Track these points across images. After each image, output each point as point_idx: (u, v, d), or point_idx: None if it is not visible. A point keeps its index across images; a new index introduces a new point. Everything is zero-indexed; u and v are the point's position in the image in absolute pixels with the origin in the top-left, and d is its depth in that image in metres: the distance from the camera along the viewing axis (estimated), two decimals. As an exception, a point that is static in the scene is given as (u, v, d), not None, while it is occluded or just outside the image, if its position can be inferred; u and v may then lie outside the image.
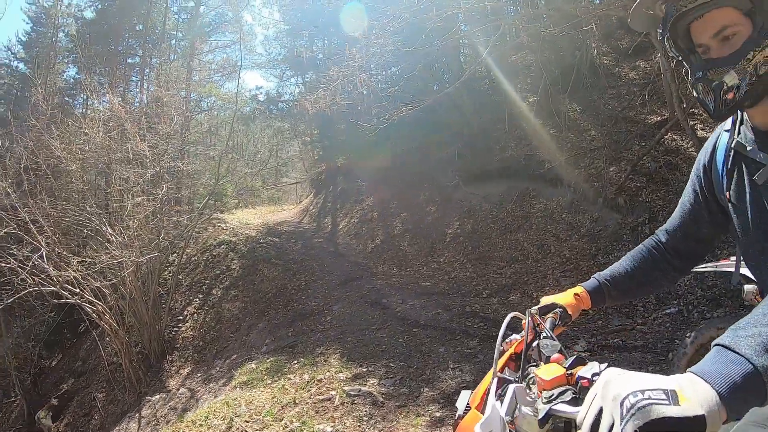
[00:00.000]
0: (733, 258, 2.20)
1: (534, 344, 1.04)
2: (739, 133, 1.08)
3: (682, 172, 6.24)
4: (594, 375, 0.79)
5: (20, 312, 12.28)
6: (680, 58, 1.03)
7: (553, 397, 0.82)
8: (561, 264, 6.69)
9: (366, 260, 9.32)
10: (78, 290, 8.12)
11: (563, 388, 0.82)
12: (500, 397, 0.92)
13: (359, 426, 3.96)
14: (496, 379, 0.98)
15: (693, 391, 0.57)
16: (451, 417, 3.89)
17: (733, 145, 1.07)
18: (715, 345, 0.65)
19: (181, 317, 9.14)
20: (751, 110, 0.99)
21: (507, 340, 1.15)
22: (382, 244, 9.79)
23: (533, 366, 0.97)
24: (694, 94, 1.01)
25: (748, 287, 2.28)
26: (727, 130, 1.12)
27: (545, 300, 1.31)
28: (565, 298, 1.31)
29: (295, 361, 5.81)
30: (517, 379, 0.95)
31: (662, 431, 0.55)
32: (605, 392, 0.62)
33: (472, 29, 8.34)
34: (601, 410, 0.62)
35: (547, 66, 8.94)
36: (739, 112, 1.05)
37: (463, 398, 1.08)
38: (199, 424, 4.79)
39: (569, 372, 0.85)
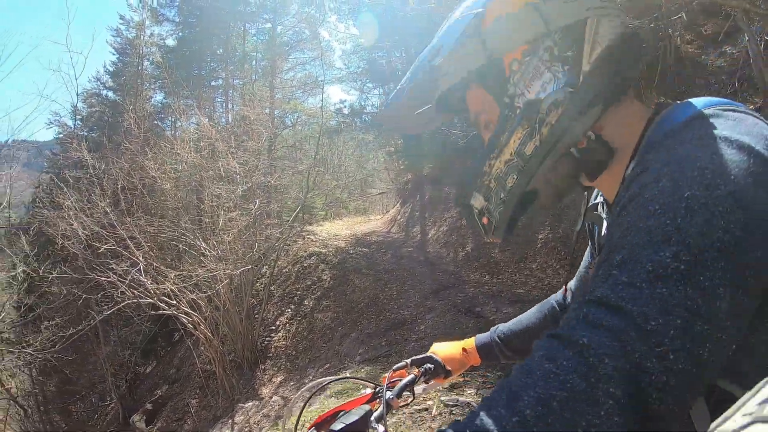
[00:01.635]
0: None
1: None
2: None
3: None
4: None
5: (117, 322, 13.13)
6: None
7: None
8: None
9: (457, 268, 9.19)
10: (174, 302, 8.51)
11: None
12: None
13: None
14: None
15: None
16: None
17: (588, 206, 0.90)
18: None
19: (273, 327, 9.41)
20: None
21: (359, 394, 1.11)
22: (472, 251, 9.59)
23: None
24: None
25: None
26: None
27: (433, 348, 1.21)
28: (450, 350, 1.19)
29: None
30: None
31: None
32: None
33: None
34: None
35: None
36: None
37: None
38: (294, 433, 4.86)
39: None
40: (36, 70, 17.54)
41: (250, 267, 8.61)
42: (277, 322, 9.48)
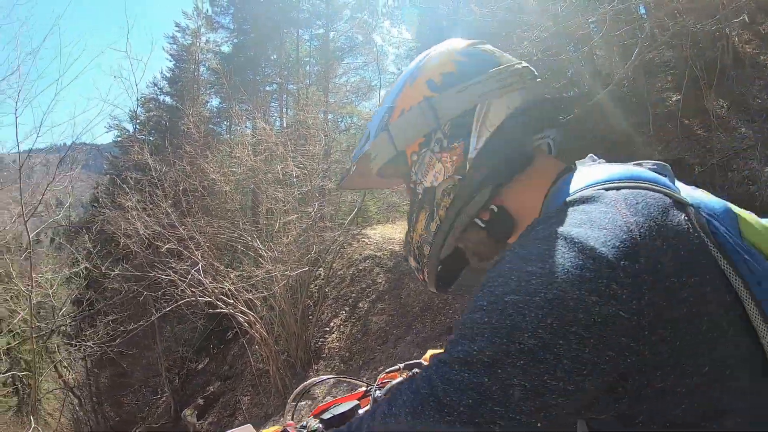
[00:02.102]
0: None
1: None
2: None
3: None
4: None
5: (172, 319, 13.59)
6: None
7: None
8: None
9: (512, 274, 9.08)
10: (232, 301, 8.75)
11: None
12: None
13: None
14: None
15: None
16: None
17: None
18: None
19: (327, 328, 9.53)
20: None
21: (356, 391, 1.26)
22: (527, 256, 9.42)
23: None
24: None
25: None
26: None
27: (426, 355, 1.33)
28: None
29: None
30: None
31: None
32: None
33: (614, 31, 7.91)
34: None
35: (688, 61, 8.29)
36: None
37: None
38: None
39: None
40: (98, 76, 18.45)
41: (306, 269, 8.75)
42: (332, 324, 9.61)
